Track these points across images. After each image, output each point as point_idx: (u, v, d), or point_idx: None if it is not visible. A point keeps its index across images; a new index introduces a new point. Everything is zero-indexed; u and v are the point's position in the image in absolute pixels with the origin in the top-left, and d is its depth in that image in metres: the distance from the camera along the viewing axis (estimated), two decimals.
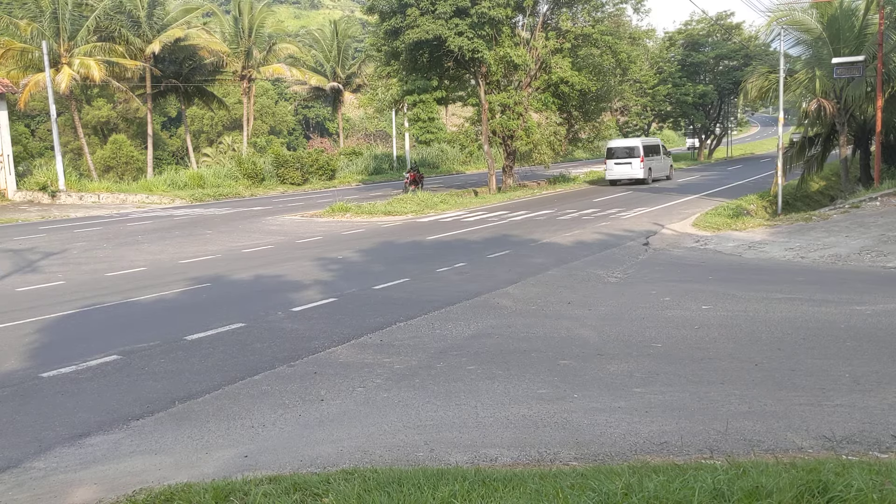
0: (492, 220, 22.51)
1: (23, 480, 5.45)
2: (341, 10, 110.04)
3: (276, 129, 66.67)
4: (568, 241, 17.44)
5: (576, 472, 4.73)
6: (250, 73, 47.31)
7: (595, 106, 35.33)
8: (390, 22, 28.44)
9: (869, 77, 23.30)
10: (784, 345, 8.19)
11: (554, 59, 30.33)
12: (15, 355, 8.88)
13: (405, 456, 5.43)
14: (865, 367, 7.20)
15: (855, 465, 4.64)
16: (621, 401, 6.57)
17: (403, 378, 7.49)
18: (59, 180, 33.31)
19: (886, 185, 22.10)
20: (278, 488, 4.57)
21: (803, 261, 14.66)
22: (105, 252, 18.03)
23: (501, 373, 7.52)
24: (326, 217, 24.93)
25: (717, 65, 52.33)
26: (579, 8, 31.93)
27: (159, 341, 9.16)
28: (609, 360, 7.80)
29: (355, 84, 57.21)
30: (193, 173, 39.19)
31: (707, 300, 10.71)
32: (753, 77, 29.48)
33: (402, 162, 49.28)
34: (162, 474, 5.32)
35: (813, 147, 28.96)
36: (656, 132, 60.19)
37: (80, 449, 6.03)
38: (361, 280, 13.10)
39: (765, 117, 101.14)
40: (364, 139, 65.76)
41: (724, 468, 4.49)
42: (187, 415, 6.77)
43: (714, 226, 19.48)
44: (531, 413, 6.32)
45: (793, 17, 26.43)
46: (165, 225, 24.06)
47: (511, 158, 32.94)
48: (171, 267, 15.39)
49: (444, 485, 4.37)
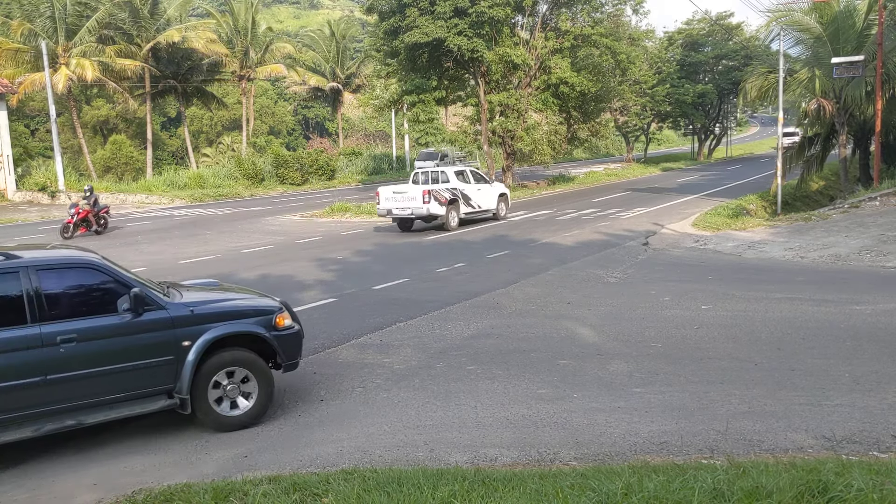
0: (491, 219, 22.50)
1: (22, 481, 5.45)
2: (340, 10, 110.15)
3: (276, 129, 66.72)
4: (567, 241, 17.43)
5: (576, 472, 4.73)
6: (248, 73, 47.34)
7: (594, 106, 35.34)
8: (389, 22, 28.45)
9: (868, 77, 23.30)
10: (784, 344, 8.19)
11: (553, 60, 30.34)
12: None
13: (405, 456, 5.43)
14: (865, 367, 7.20)
15: (855, 464, 4.64)
16: (621, 401, 6.57)
17: (403, 378, 7.49)
18: (59, 181, 33.29)
19: (886, 185, 22.11)
20: (278, 488, 4.57)
21: (803, 260, 14.66)
22: (104, 252, 18.01)
23: (501, 373, 7.52)
24: (326, 217, 24.92)
25: (716, 64, 52.38)
26: (579, 8, 31.94)
27: None
28: (609, 360, 7.80)
29: (355, 84, 57.24)
30: (193, 173, 39.18)
31: (707, 300, 10.71)
32: (753, 77, 29.46)
33: (402, 162, 49.27)
34: (161, 474, 5.32)
35: (812, 147, 28.97)
36: (656, 132, 60.20)
37: (80, 449, 6.03)
38: (361, 280, 13.10)
39: (765, 117, 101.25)
40: (364, 139, 65.78)
41: (724, 468, 4.49)
42: (187, 414, 6.76)
43: (714, 226, 19.49)
44: (531, 413, 6.32)
45: (792, 18, 26.45)
46: (165, 225, 24.05)
47: (511, 158, 32.95)
48: (170, 267, 15.37)
49: (444, 485, 4.37)
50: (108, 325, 5.75)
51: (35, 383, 5.44)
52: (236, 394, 6.27)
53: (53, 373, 5.48)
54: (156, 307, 5.95)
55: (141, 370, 5.85)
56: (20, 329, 5.44)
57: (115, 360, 5.74)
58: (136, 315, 5.80)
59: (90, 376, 5.64)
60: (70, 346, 5.54)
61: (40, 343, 5.47)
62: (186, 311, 6.10)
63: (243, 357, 6.27)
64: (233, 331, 6.21)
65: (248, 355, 6.30)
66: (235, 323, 6.27)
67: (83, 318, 5.70)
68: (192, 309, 6.15)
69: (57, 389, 5.53)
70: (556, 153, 33.89)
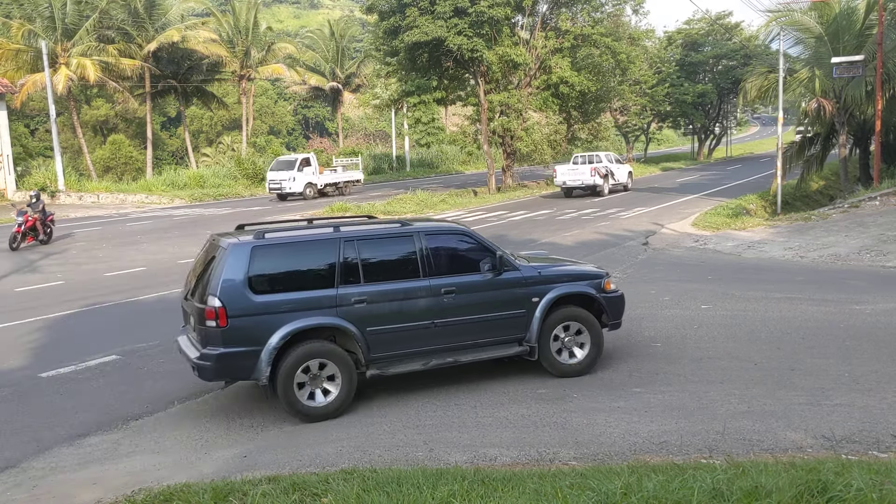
0: (491, 219, 22.50)
1: (21, 481, 5.44)
2: (340, 10, 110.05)
3: (276, 128, 66.63)
4: (567, 240, 17.42)
5: (575, 472, 4.73)
6: (249, 72, 47.30)
7: (594, 106, 35.32)
8: (389, 21, 28.43)
9: (868, 77, 23.29)
10: (783, 344, 8.19)
11: (553, 59, 30.33)
12: (14, 355, 8.88)
13: (404, 456, 5.42)
14: (865, 367, 7.20)
15: (854, 464, 4.64)
16: (620, 400, 6.57)
17: (402, 378, 7.48)
18: (59, 180, 33.27)
19: (886, 185, 22.11)
20: (277, 488, 4.57)
21: (803, 260, 14.66)
22: (104, 252, 18.01)
23: (500, 372, 7.52)
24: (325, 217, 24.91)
25: (716, 64, 52.35)
26: (579, 8, 31.91)
27: (159, 341, 9.15)
28: (608, 360, 7.80)
29: (355, 84, 57.17)
30: (193, 173, 39.15)
31: (706, 299, 10.71)
32: (753, 77, 29.44)
33: (402, 162, 49.22)
34: (161, 474, 5.32)
35: (812, 146, 28.96)
36: (656, 132, 60.14)
37: (80, 449, 6.03)
38: None
39: (764, 117, 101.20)
40: (363, 139, 65.65)
41: (723, 468, 4.49)
42: (186, 415, 6.77)
43: (713, 225, 19.48)
44: (530, 413, 6.32)
45: (792, 17, 26.44)
46: (165, 225, 24.04)
47: (511, 158, 32.92)
48: (170, 267, 15.36)
49: (443, 484, 4.37)
50: (478, 281, 6.95)
51: (426, 326, 6.72)
52: (572, 345, 7.29)
53: (439, 318, 6.76)
54: (511, 268, 7.08)
55: (501, 320, 7.02)
56: (416, 281, 6.74)
57: (482, 311, 6.93)
58: (496, 274, 6.95)
59: (464, 323, 6.86)
60: (451, 297, 6.80)
61: (430, 293, 6.73)
62: (535, 273, 7.20)
63: (578, 313, 7.30)
64: (571, 291, 7.27)
65: (581, 312, 7.32)
66: (573, 284, 7.33)
67: (457, 275, 6.93)
68: (540, 271, 7.25)
69: (441, 332, 6.78)
70: (556, 153, 33.87)
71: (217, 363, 6.14)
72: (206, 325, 6.16)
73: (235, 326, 6.14)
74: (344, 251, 6.57)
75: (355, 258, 6.58)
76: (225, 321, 6.10)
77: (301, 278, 6.54)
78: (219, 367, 6.18)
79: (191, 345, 6.62)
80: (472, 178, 40.55)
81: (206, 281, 6.36)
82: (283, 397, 6.27)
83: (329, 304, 6.42)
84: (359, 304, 6.49)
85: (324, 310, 6.39)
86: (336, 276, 6.50)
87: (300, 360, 6.27)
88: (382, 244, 6.88)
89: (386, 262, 6.83)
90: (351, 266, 6.56)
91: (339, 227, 6.85)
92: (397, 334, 6.64)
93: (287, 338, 6.23)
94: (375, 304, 6.55)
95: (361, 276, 6.58)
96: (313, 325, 6.35)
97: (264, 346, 6.17)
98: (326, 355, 6.39)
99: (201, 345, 6.30)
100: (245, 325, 6.17)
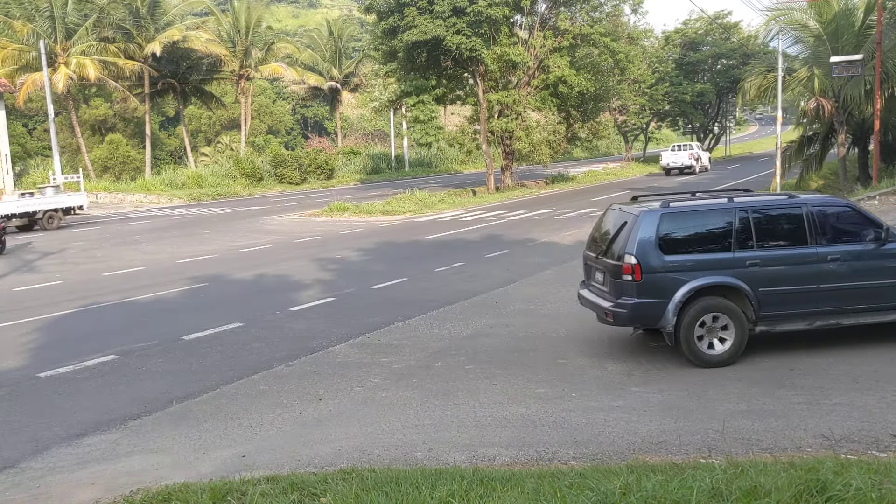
0: (490, 219, 22.50)
1: (20, 480, 5.43)
2: (339, 10, 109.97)
3: (274, 128, 66.55)
4: (567, 240, 17.42)
5: (574, 472, 4.72)
6: (248, 72, 47.27)
7: (593, 105, 35.30)
8: (388, 21, 28.41)
9: (867, 76, 23.28)
10: (775, 344, 8.17)
11: (552, 59, 30.31)
12: (12, 355, 8.86)
13: (403, 455, 5.42)
14: (864, 366, 7.19)
15: (853, 464, 4.63)
16: (619, 400, 6.56)
17: (402, 378, 7.48)
18: (57, 180, 33.27)
19: (885, 184, 22.10)
20: (276, 488, 4.56)
21: None
22: (102, 252, 18.00)
23: (500, 372, 7.52)
24: (324, 216, 24.90)
25: (715, 63, 52.32)
26: (577, 8, 31.91)
27: (157, 341, 9.15)
28: (607, 359, 7.80)
29: (353, 83, 57.14)
30: (191, 173, 39.14)
31: None
32: (752, 76, 29.40)
33: (401, 161, 49.20)
34: (159, 474, 5.31)
35: (811, 146, 28.95)
36: (655, 131, 60.11)
37: (78, 449, 6.01)
38: (360, 279, 13.09)
39: (764, 116, 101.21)
40: (362, 139, 65.60)
41: (722, 467, 4.48)
42: (185, 415, 6.76)
43: None
44: (529, 412, 6.32)
45: (791, 17, 26.41)
46: (163, 224, 24.02)
47: (509, 158, 32.91)
48: (168, 266, 15.36)
49: (442, 484, 4.36)
50: (861, 250, 7.54)
51: (811, 289, 7.40)
52: None
53: (823, 282, 7.41)
54: (894, 240, 7.57)
55: (883, 288, 7.54)
56: (804, 248, 7.46)
57: (865, 278, 7.50)
58: (879, 245, 7.51)
59: (847, 288, 7.46)
60: (835, 264, 7.43)
61: (816, 259, 7.41)
62: None
63: None
64: None
65: None
66: None
67: (840, 244, 7.54)
68: None
69: (825, 296, 7.42)
70: (555, 153, 33.84)
71: (632, 311, 7.27)
72: (623, 279, 7.26)
73: (648, 280, 7.19)
74: (739, 219, 7.41)
75: (749, 225, 7.41)
76: (640, 276, 7.17)
77: (702, 241, 7.52)
78: (633, 315, 7.33)
79: (598, 297, 7.77)
80: (471, 178, 40.57)
81: (620, 243, 7.43)
82: (685, 344, 7.21)
83: (727, 265, 7.31)
84: (752, 266, 7.31)
85: (722, 270, 7.29)
86: (732, 241, 7.38)
87: (700, 313, 7.20)
88: (773, 213, 7.66)
89: (776, 230, 7.61)
90: (745, 232, 7.41)
91: (733, 198, 7.69)
92: (785, 295, 7.39)
93: (691, 293, 7.18)
94: (767, 268, 7.36)
95: (755, 241, 7.41)
96: (714, 283, 7.25)
97: (670, 299, 7.17)
98: (723, 310, 7.25)
99: (615, 296, 7.40)
100: (655, 280, 7.21)
